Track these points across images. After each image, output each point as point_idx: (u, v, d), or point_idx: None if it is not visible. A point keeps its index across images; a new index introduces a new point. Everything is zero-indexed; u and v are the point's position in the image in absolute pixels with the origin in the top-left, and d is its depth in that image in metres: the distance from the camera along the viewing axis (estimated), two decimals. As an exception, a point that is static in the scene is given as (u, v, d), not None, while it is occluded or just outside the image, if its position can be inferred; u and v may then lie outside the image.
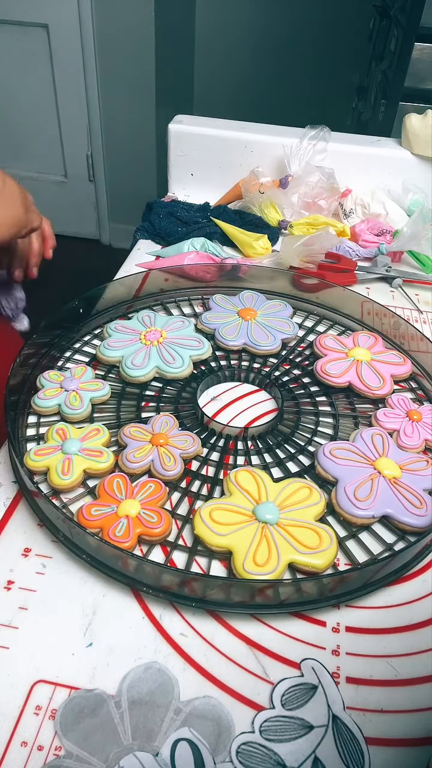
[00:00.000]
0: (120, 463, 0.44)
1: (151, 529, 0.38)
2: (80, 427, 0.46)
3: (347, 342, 0.56)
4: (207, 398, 0.52)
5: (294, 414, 0.50)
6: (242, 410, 0.51)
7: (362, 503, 0.41)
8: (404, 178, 0.82)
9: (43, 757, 0.30)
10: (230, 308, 0.59)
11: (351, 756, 0.30)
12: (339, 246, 0.73)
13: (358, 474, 0.43)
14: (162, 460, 0.43)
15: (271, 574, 0.36)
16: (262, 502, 0.40)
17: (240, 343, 0.55)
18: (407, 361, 0.54)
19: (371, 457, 0.45)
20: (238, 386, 0.54)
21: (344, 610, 0.37)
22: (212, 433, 0.48)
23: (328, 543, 0.38)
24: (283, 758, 0.30)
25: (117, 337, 0.54)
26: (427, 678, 0.34)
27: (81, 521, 0.39)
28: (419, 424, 0.48)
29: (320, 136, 0.80)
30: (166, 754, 0.30)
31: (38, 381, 0.49)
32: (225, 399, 0.52)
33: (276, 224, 0.78)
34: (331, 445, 0.45)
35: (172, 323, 0.56)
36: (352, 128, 1.75)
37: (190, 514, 0.41)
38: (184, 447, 0.44)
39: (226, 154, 0.83)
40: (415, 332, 0.57)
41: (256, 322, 0.57)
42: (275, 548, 0.38)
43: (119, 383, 0.52)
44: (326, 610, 0.37)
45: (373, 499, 0.41)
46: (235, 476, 0.42)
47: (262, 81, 2.20)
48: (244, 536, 0.38)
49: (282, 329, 0.57)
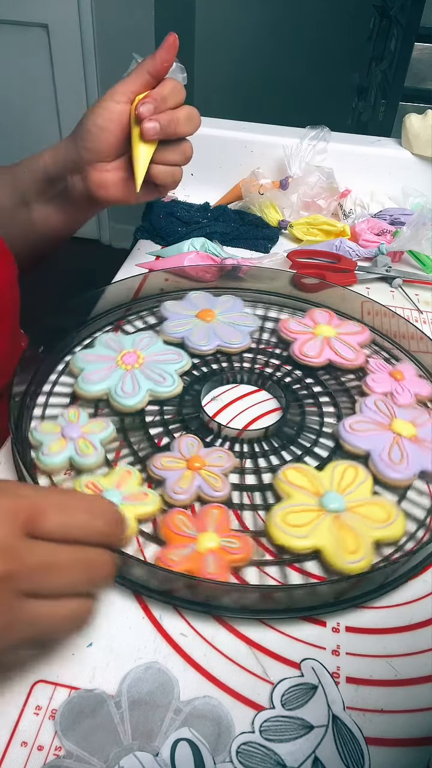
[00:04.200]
0: (166, 498, 0.41)
1: (238, 555, 0.37)
2: (105, 474, 0.43)
3: (307, 322, 0.57)
4: (208, 405, 0.52)
5: (295, 404, 0.50)
6: (241, 410, 0.51)
7: (400, 466, 0.43)
8: (404, 177, 0.82)
9: (43, 757, 0.30)
10: (187, 313, 0.57)
11: (351, 756, 0.30)
12: (339, 246, 0.73)
13: (383, 441, 0.45)
14: (209, 482, 0.42)
15: (365, 558, 0.37)
16: (323, 494, 0.41)
17: (213, 347, 0.54)
18: (365, 329, 0.57)
19: (385, 423, 0.47)
20: (232, 388, 0.53)
21: (344, 610, 0.37)
22: (228, 439, 0.47)
23: (395, 513, 0.40)
24: (283, 758, 0.30)
25: (92, 369, 0.50)
26: (427, 678, 0.34)
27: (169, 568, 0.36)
28: (404, 383, 0.51)
29: (320, 137, 0.80)
30: (166, 754, 0.30)
31: (31, 437, 0.45)
32: (216, 406, 0.52)
33: (276, 224, 0.78)
34: (349, 421, 0.47)
35: (140, 341, 0.53)
36: (352, 128, 1.75)
37: (252, 527, 0.41)
38: (222, 464, 0.43)
39: (226, 154, 0.83)
40: (414, 331, 0.57)
41: (218, 321, 0.56)
42: (358, 533, 0.39)
43: (114, 415, 0.48)
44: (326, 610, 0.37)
45: (407, 460, 0.44)
46: (285, 476, 0.42)
47: (262, 81, 2.20)
48: (325, 531, 0.39)
49: (245, 323, 0.57)
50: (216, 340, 0.55)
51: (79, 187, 0.53)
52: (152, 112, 0.48)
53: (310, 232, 0.76)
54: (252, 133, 0.83)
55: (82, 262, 1.69)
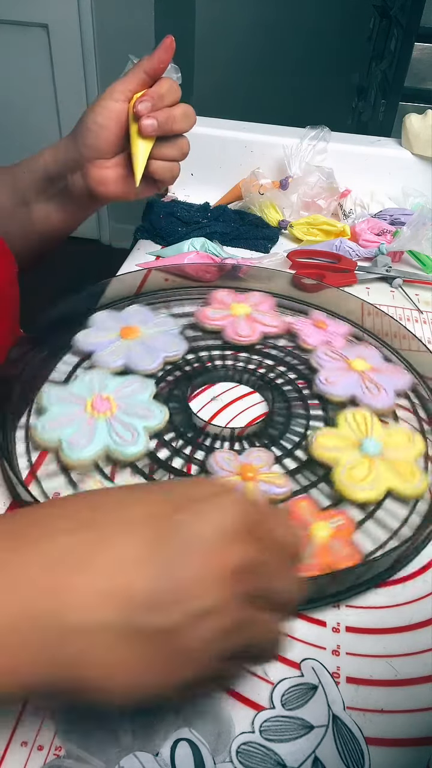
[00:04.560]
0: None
1: (347, 527, 0.40)
2: None
3: (217, 305, 0.58)
4: (200, 403, 0.51)
5: (270, 391, 0.51)
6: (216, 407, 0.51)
7: (380, 396, 0.49)
8: (404, 177, 0.82)
9: (43, 757, 0.30)
10: (109, 338, 0.53)
11: (351, 756, 0.30)
12: (339, 246, 0.73)
13: (355, 382, 0.50)
14: (272, 483, 0.42)
15: (424, 480, 0.42)
16: (361, 443, 0.44)
17: (159, 363, 0.52)
18: (267, 296, 0.60)
19: (344, 366, 0.52)
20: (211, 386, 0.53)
21: (344, 610, 0.37)
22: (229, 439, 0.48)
23: (411, 433, 0.46)
24: (283, 758, 0.30)
25: (56, 412, 0.45)
26: (427, 678, 0.34)
27: None
28: (329, 329, 0.57)
29: (320, 137, 0.80)
30: (166, 754, 0.30)
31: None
32: (199, 402, 0.52)
33: (276, 224, 0.78)
34: (322, 376, 0.51)
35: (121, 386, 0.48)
36: (352, 128, 1.75)
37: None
38: (266, 463, 0.43)
39: (226, 154, 0.83)
40: (406, 332, 0.57)
41: (146, 335, 0.54)
42: (405, 461, 0.43)
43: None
44: (326, 610, 0.37)
45: (383, 389, 0.50)
46: (320, 445, 0.45)
47: (262, 81, 2.20)
48: (385, 473, 0.43)
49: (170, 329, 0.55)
50: (159, 354, 0.51)
51: (79, 184, 0.53)
52: (150, 110, 0.49)
53: (310, 232, 0.76)
54: (252, 133, 0.83)
55: (82, 262, 1.69)
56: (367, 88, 1.68)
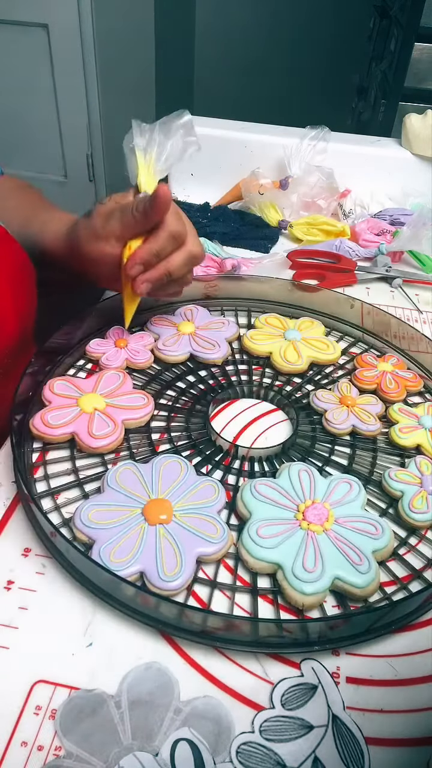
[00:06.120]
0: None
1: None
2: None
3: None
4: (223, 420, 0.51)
5: (300, 414, 0.50)
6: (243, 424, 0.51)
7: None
8: (404, 177, 0.82)
9: (43, 757, 0.30)
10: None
11: (351, 756, 0.30)
12: (339, 246, 0.73)
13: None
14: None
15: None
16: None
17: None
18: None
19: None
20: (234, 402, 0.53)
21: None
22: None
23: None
24: (283, 758, 0.30)
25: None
26: (427, 678, 0.34)
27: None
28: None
29: (320, 137, 0.80)
30: (166, 754, 0.30)
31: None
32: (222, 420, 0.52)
33: (276, 224, 0.78)
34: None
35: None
36: (352, 128, 1.75)
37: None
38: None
39: (226, 154, 0.83)
40: (414, 333, 0.57)
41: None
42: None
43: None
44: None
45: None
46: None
47: (261, 81, 2.21)
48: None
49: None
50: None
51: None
52: (141, 272, 0.48)
53: (310, 232, 0.76)
54: (252, 133, 0.83)
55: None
56: (367, 88, 1.68)
